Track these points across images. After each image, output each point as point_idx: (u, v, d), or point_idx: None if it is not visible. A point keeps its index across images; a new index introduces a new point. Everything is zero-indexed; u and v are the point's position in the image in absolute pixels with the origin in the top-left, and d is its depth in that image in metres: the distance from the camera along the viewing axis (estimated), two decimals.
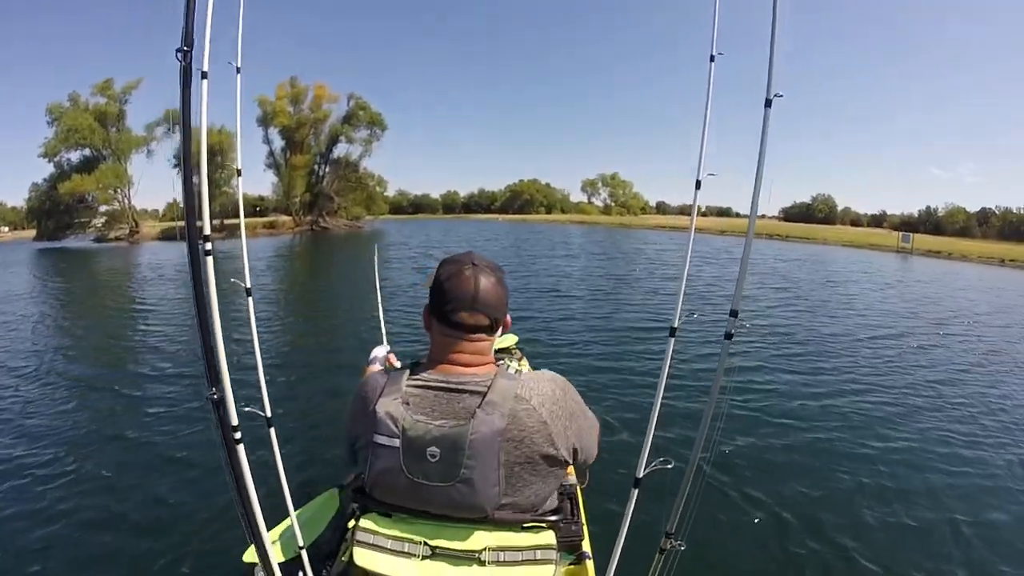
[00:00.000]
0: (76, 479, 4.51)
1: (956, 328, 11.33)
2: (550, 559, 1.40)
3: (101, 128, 44.98)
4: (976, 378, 7.64)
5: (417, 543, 1.38)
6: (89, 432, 5.47)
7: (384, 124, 55.55)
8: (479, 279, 1.43)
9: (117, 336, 10.23)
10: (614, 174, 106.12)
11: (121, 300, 15.27)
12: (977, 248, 40.71)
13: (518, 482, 1.39)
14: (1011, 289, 19.84)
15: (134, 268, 24.73)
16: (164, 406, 6.14)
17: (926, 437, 5.44)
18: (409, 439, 1.35)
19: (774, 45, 1.86)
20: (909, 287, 18.43)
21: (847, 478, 4.55)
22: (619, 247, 32.95)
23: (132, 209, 48.35)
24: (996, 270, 29.18)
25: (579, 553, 2.04)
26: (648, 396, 3.44)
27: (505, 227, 57.66)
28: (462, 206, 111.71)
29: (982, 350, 9.43)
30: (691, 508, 2.16)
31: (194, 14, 1.56)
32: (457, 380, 1.41)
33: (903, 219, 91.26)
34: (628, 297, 14.18)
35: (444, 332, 1.45)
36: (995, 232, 75.46)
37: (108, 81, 46.03)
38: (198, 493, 4.21)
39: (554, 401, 1.45)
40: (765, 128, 1.88)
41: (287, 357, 8.49)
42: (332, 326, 11.02)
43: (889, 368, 7.96)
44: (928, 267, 27.71)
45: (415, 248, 29.66)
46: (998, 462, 4.95)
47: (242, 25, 2.37)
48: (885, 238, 45.76)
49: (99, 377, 7.43)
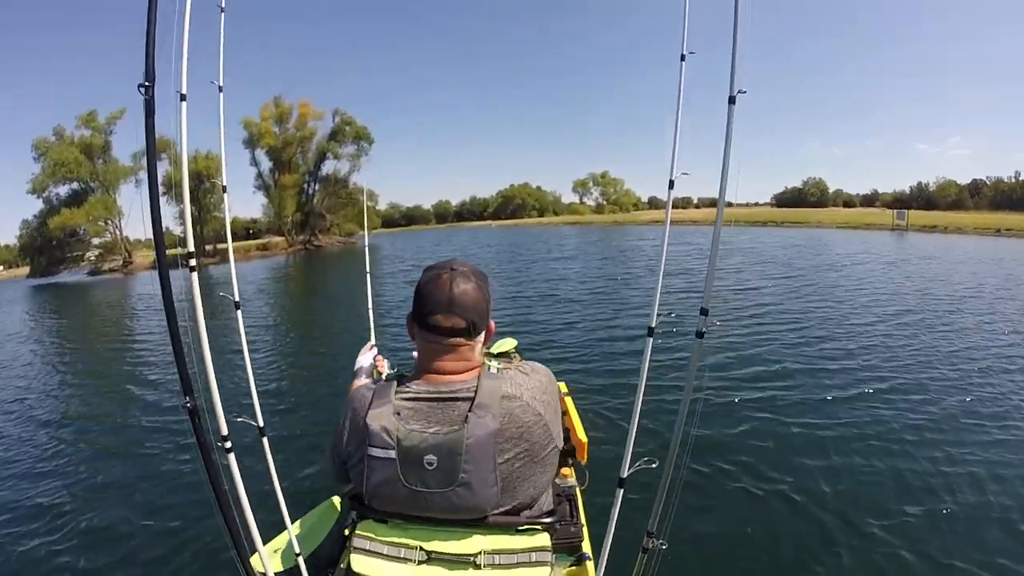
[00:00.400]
0: (73, 496, 4.61)
1: (969, 304, 11.30)
2: (545, 561, 1.42)
3: (88, 160, 44.58)
4: (985, 358, 7.60)
5: (413, 548, 1.40)
6: (92, 452, 5.62)
7: (371, 138, 55.33)
8: (455, 282, 1.45)
9: (112, 361, 10.34)
10: (604, 172, 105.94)
11: (117, 331, 15.24)
12: (971, 220, 40.75)
13: (517, 478, 1.41)
14: (1009, 258, 19.89)
15: (128, 299, 24.65)
16: (164, 418, 6.31)
17: (941, 423, 5.41)
18: (405, 449, 1.35)
19: (736, 43, 1.91)
20: (912, 265, 18.33)
21: (832, 475, 4.56)
22: (615, 245, 32.93)
23: (124, 240, 48.06)
24: (992, 240, 29.33)
25: (579, 554, 2.06)
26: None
27: (498, 233, 57.73)
28: (455, 215, 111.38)
29: (992, 326, 9.44)
30: (672, 506, 2.21)
31: (154, 48, 1.66)
32: (447, 389, 1.42)
33: (896, 196, 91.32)
34: (624, 297, 14.15)
35: (424, 338, 1.47)
36: (987, 203, 75.47)
37: (92, 113, 45.68)
38: (197, 504, 4.23)
39: (544, 391, 1.50)
40: (729, 124, 1.93)
41: (280, 369, 8.51)
42: (324, 339, 11.00)
43: (891, 355, 7.90)
44: (925, 242, 27.73)
45: (408, 261, 29.40)
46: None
47: (223, 45, 2.44)
48: (879, 217, 45.74)
49: (96, 400, 7.58)
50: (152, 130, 1.72)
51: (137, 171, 47.10)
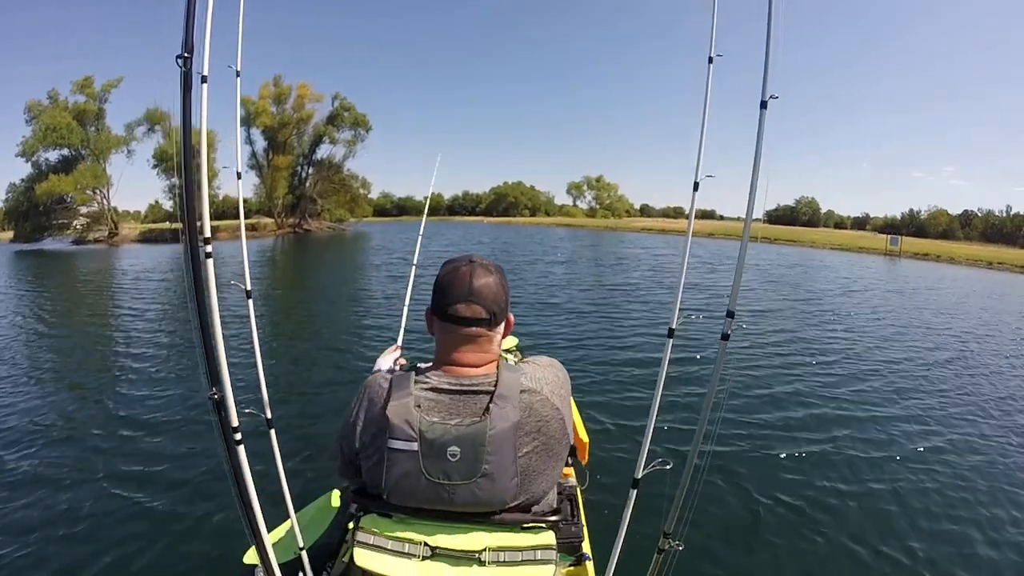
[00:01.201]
0: (73, 481, 4.52)
1: (975, 339, 11.16)
2: (550, 559, 1.40)
3: (80, 127, 43.77)
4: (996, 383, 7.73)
5: (417, 544, 1.38)
6: (87, 435, 5.47)
7: (369, 125, 55.00)
8: (476, 274, 1.44)
9: (108, 341, 9.96)
10: (599, 176, 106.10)
11: (112, 303, 14.71)
12: (964, 251, 41.26)
13: (533, 471, 1.40)
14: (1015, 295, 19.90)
15: (116, 271, 24.00)
16: (161, 408, 6.15)
17: (937, 443, 5.46)
18: (428, 441, 1.33)
19: (770, 47, 1.87)
20: (918, 293, 18.28)
21: (846, 479, 4.62)
22: (614, 251, 32.62)
23: (111, 211, 47.20)
24: (986, 272, 29.63)
25: (579, 554, 2.13)
26: (647, 397, 3.53)
27: (490, 230, 57.43)
28: (446, 208, 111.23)
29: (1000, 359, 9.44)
30: (689, 508, 2.19)
31: (194, 19, 1.59)
32: (468, 382, 1.41)
33: (886, 221, 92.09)
34: (628, 300, 14.12)
35: (445, 329, 1.45)
36: (978, 234, 76.49)
37: (88, 79, 44.74)
38: (198, 494, 4.25)
39: (560, 385, 1.50)
40: (761, 130, 1.91)
41: (285, 360, 8.45)
42: (326, 328, 10.93)
43: (896, 375, 7.89)
44: (922, 271, 27.80)
45: (398, 254, 28.77)
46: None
47: (242, 29, 2.42)
48: (873, 241, 45.87)
49: (96, 382, 7.31)
50: (189, 105, 1.63)
51: (129, 141, 46.58)
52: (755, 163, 1.92)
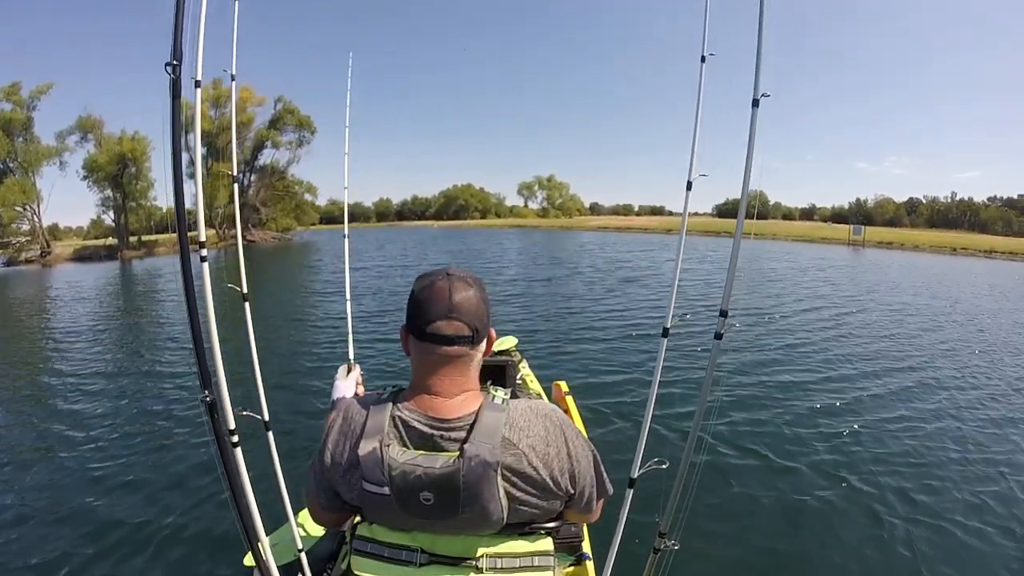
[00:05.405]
0: (71, 488, 4.54)
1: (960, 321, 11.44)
2: (548, 565, 1.34)
3: (6, 138, 39.51)
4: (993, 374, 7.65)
5: (414, 550, 1.30)
6: (84, 438, 5.56)
7: (313, 127, 52.05)
8: (455, 288, 1.28)
9: (104, 348, 10.27)
10: (551, 176, 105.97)
11: (67, 325, 12.79)
12: (927, 238, 42.28)
13: (522, 504, 1.28)
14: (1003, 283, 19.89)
15: (56, 291, 21.45)
16: (161, 412, 6.27)
17: (928, 440, 5.33)
18: (398, 487, 1.21)
19: (761, 45, 1.91)
20: (905, 279, 18.60)
21: (843, 477, 4.54)
22: (572, 250, 31.94)
23: (42, 229, 43.10)
24: (950, 259, 30.33)
25: (579, 554, 2.20)
26: (643, 396, 3.48)
27: (441, 234, 56.48)
28: (395, 214, 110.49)
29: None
30: (684, 508, 2.16)
31: (182, 27, 1.64)
32: (443, 425, 1.24)
33: (834, 211, 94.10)
34: (616, 299, 14.02)
35: (423, 350, 1.29)
36: (924, 221, 78.62)
37: (16, 85, 40.31)
38: (196, 497, 4.26)
39: (547, 443, 1.29)
40: (753, 128, 1.94)
41: (275, 364, 8.36)
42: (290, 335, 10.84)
43: (890, 365, 7.94)
44: (890, 259, 28.06)
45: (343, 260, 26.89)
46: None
47: (236, 35, 2.41)
48: (834, 232, 46.29)
49: (93, 387, 7.50)
50: (178, 112, 1.67)
51: (61, 152, 42.86)
52: (747, 161, 1.96)
